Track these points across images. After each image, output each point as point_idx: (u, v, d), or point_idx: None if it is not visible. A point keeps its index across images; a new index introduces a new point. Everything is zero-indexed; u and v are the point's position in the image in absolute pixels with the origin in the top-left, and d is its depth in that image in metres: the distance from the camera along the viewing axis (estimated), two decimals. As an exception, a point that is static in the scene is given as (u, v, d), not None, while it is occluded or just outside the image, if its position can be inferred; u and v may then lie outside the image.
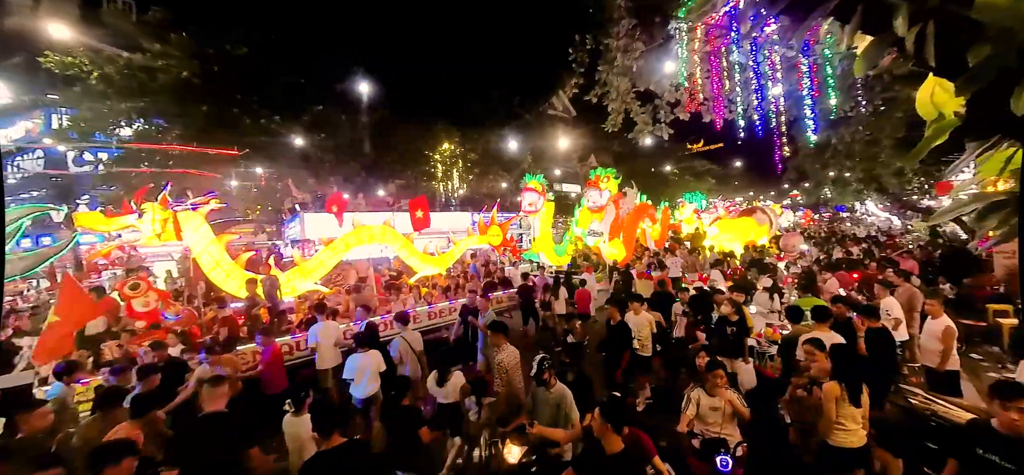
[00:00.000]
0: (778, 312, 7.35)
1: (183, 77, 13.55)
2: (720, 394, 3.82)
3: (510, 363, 4.48)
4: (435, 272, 10.52)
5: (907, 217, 24.08)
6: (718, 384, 3.83)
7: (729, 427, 3.78)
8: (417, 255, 10.12)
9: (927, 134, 1.77)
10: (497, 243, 11.76)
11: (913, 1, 1.36)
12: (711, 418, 3.82)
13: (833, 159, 16.88)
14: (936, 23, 1.31)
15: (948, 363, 4.95)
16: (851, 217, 35.40)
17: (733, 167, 39.97)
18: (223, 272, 7.32)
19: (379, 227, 9.47)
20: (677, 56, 7.42)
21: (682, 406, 4.00)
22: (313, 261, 8.46)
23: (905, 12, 1.34)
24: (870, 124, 12.51)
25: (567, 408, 3.71)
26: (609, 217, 12.37)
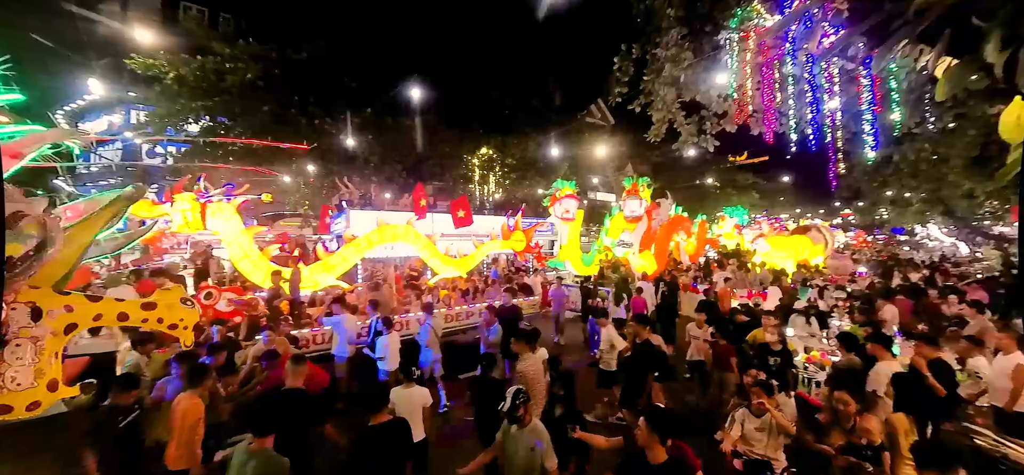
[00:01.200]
0: (817, 336, 7.06)
1: (247, 79, 14.61)
2: (763, 408, 3.71)
3: (532, 373, 4.30)
4: (456, 275, 10.47)
5: (976, 243, 22.13)
6: (762, 403, 3.71)
7: (774, 448, 3.65)
8: (439, 256, 10.19)
9: (1013, 157, 1.70)
10: (521, 249, 11.57)
11: (1006, 26, 1.34)
12: (755, 438, 3.69)
13: (893, 177, 15.77)
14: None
15: (1018, 404, 4.53)
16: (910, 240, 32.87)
17: (780, 182, 38.05)
18: (251, 262, 7.70)
19: (402, 227, 9.51)
20: (727, 67, 7.26)
21: (726, 425, 3.90)
22: (335, 257, 8.55)
23: (997, 38, 1.33)
24: (939, 141, 11.61)
25: (543, 456, 3.11)
26: (641, 228, 12.09)
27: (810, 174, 31.34)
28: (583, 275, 12.63)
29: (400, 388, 4.09)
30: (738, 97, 7.43)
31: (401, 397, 4.00)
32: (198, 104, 14.51)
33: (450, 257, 10.73)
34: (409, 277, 10.54)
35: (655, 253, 12.09)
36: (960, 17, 1.39)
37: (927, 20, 1.43)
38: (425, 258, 10.13)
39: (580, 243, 12.90)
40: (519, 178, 22.97)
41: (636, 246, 12.12)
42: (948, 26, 1.43)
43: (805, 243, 15.61)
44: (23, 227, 2.94)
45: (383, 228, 9.10)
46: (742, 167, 32.30)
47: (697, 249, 15.22)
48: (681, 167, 25.56)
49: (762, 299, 10.57)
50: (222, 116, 15.58)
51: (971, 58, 1.42)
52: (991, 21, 1.28)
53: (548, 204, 12.20)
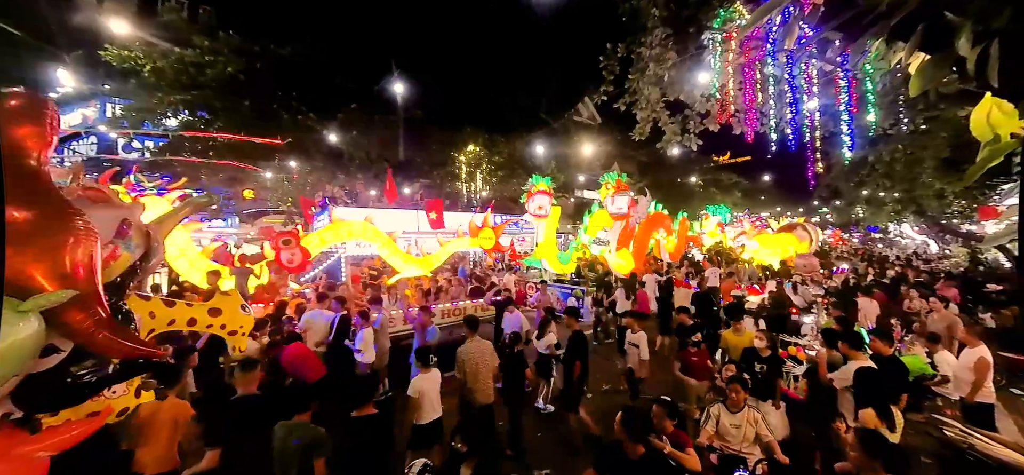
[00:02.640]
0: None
1: (228, 73, 14.28)
2: (739, 407, 3.77)
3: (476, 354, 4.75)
4: (419, 274, 9.99)
5: (945, 241, 23.02)
6: (738, 400, 3.78)
7: (750, 447, 3.70)
8: (400, 255, 9.71)
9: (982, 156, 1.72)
10: (489, 247, 11.08)
11: (978, 21, 1.38)
12: (731, 435, 3.74)
13: (869, 177, 16.31)
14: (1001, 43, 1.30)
15: (979, 395, 4.80)
16: (884, 238, 34.03)
17: (761, 181, 38.95)
18: (187, 261, 7.35)
19: (359, 223, 8.88)
20: (710, 67, 7.38)
21: (701, 421, 3.98)
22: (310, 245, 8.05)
23: (969, 32, 1.36)
24: (912, 142, 12.05)
25: None
26: (618, 225, 11.80)
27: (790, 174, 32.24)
28: (560, 273, 12.31)
29: (421, 374, 4.30)
30: (721, 97, 7.56)
31: (424, 382, 4.22)
32: (177, 98, 14.12)
33: (412, 255, 10.22)
34: (368, 276, 10.05)
35: (634, 252, 11.81)
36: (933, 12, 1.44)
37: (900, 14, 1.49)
38: (385, 256, 9.67)
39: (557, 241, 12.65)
40: (507, 176, 23.01)
41: (613, 244, 11.82)
42: (921, 21, 1.48)
43: (791, 241, 16.09)
44: (132, 237, 2.85)
45: (337, 224, 8.57)
46: (725, 167, 32.99)
47: (678, 247, 15.32)
48: (666, 166, 25.95)
49: (752, 293, 10.85)
50: (202, 110, 15.21)
51: (943, 53, 1.46)
52: (963, 15, 1.33)
53: (524, 200, 11.93)
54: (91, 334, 2.33)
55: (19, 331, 2.07)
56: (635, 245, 11.90)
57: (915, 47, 1.58)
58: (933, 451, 3.93)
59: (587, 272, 12.77)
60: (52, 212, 2.29)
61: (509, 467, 4.74)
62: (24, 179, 2.28)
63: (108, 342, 2.41)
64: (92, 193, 2.79)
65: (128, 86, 13.54)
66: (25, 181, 2.28)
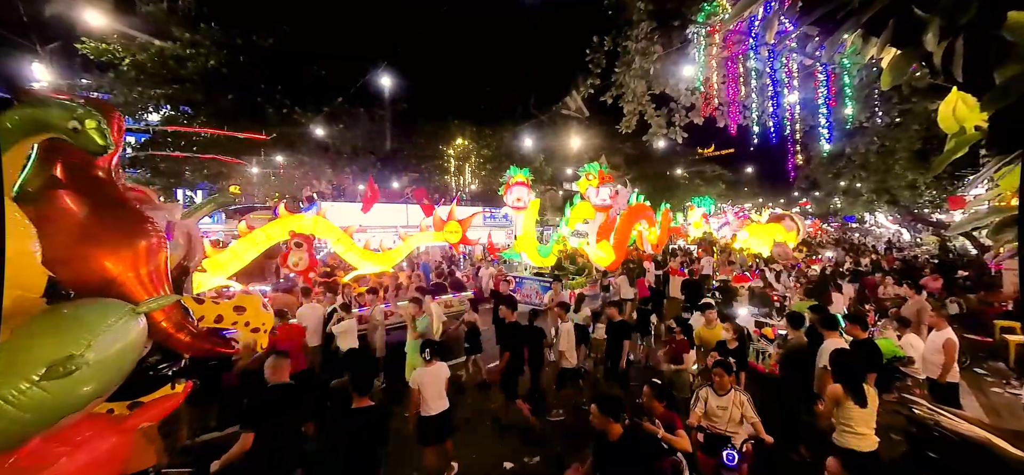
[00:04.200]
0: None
1: (210, 66, 13.94)
2: (725, 390, 3.91)
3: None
4: (376, 270, 9.60)
5: (917, 230, 23.91)
6: (724, 383, 3.93)
7: (736, 428, 3.86)
8: (356, 251, 9.24)
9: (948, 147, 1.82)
10: (456, 241, 10.68)
11: (945, 16, 1.38)
12: (718, 417, 3.90)
13: (846, 169, 16.86)
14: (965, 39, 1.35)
15: (949, 375, 5.10)
16: (860, 228, 35.11)
17: (744, 173, 39.74)
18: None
19: (310, 218, 8.47)
20: (694, 60, 7.53)
21: (691, 404, 4.12)
22: (226, 254, 7.55)
23: (936, 27, 1.38)
24: (885, 135, 12.50)
25: None
26: (599, 217, 11.45)
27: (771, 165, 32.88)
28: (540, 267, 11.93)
29: (425, 367, 4.42)
30: (705, 90, 7.71)
31: (429, 374, 4.36)
32: (158, 92, 13.74)
33: (370, 251, 9.73)
34: (321, 274, 9.60)
35: (615, 243, 11.54)
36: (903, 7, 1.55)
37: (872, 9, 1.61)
38: (340, 252, 9.29)
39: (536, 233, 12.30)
40: (495, 169, 23.02)
41: (593, 236, 11.55)
42: (892, 16, 1.60)
43: (779, 231, 16.76)
44: (177, 237, 2.93)
45: (285, 219, 8.10)
46: (709, 159, 33.54)
47: (661, 238, 15.42)
48: (652, 158, 26.25)
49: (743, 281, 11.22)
50: (184, 104, 14.84)
51: (913, 48, 1.57)
52: (931, 11, 1.44)
53: (502, 192, 11.62)
54: (172, 333, 2.55)
55: (133, 330, 2.22)
56: (617, 237, 11.69)
57: (887, 42, 1.69)
58: (903, 429, 4.10)
59: (568, 265, 12.55)
60: (129, 219, 2.45)
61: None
62: (100, 187, 2.42)
63: (188, 341, 2.64)
64: (136, 194, 2.88)
65: (106, 80, 13.11)
66: (101, 189, 2.42)
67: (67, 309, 2.08)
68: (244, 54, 14.86)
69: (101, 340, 2.01)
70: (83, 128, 2.18)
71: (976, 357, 7.77)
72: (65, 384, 1.83)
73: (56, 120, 2.15)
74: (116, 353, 2.10)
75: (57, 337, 1.90)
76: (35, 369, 1.77)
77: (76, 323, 2.01)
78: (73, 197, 2.28)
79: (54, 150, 2.29)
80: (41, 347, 1.83)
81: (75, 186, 2.32)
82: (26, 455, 1.95)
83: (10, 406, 1.71)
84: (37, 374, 1.76)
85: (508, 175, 11.35)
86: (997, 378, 7.13)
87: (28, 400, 1.75)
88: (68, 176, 2.32)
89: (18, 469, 1.92)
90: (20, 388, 1.73)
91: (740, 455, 3.59)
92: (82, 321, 2.03)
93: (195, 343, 2.70)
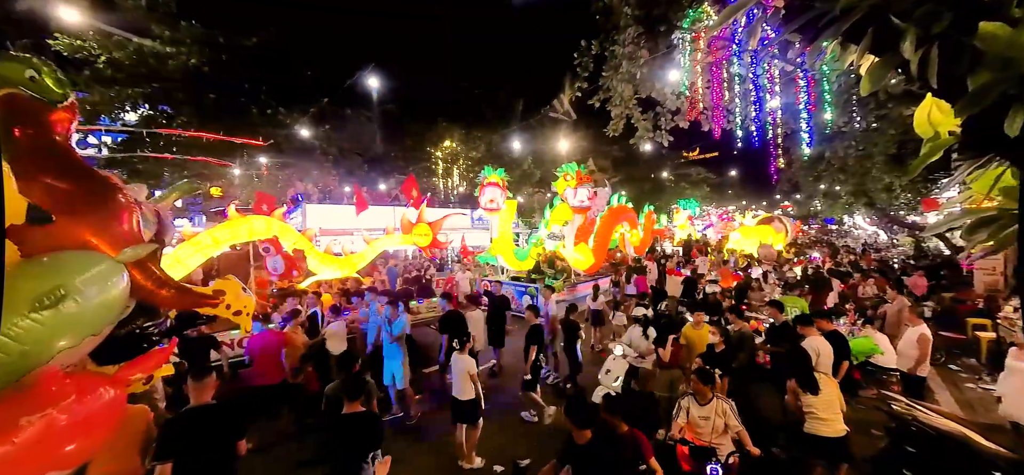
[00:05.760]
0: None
1: (191, 64, 13.60)
2: (707, 399, 3.85)
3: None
4: (338, 275, 9.24)
5: (893, 231, 24.68)
6: (706, 393, 3.87)
7: (720, 438, 3.79)
8: (316, 254, 8.95)
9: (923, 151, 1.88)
10: (425, 244, 10.17)
11: (920, 26, 1.43)
12: (701, 427, 3.82)
13: (826, 172, 17.32)
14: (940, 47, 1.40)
15: (920, 369, 5.33)
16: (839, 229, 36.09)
17: (728, 176, 40.51)
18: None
19: (263, 220, 8.05)
20: (680, 65, 7.65)
21: (673, 413, 4.06)
22: (169, 259, 7.11)
23: (912, 36, 1.44)
24: (863, 140, 12.88)
25: None
26: (578, 219, 11.22)
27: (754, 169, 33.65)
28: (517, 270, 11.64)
29: (455, 354, 4.91)
30: (690, 95, 7.85)
31: (455, 361, 4.87)
32: (136, 91, 13.33)
33: (332, 255, 9.40)
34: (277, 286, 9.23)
35: (594, 246, 11.32)
36: (882, 16, 1.61)
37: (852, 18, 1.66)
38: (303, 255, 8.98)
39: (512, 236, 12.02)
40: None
41: (570, 238, 11.26)
42: (871, 24, 1.65)
43: (769, 232, 17.48)
44: (146, 214, 2.93)
45: (236, 221, 7.64)
46: (694, 162, 34.07)
47: (644, 240, 15.49)
48: (639, 161, 26.54)
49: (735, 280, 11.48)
50: (163, 104, 14.42)
51: (890, 55, 1.63)
52: (907, 21, 1.49)
53: (477, 194, 11.35)
54: (154, 291, 2.63)
55: (117, 284, 2.32)
56: (597, 239, 11.51)
57: (865, 49, 1.74)
58: (883, 424, 4.24)
59: (547, 268, 12.34)
60: (99, 186, 2.55)
61: None
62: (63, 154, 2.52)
63: (172, 296, 2.73)
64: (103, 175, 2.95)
65: (82, 78, 12.68)
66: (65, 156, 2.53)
67: (47, 257, 2.17)
68: (227, 53, 14.54)
69: (85, 280, 2.13)
70: (40, 77, 2.32)
71: (950, 353, 8.04)
72: (56, 317, 1.99)
73: (13, 73, 2.27)
74: (100, 304, 2.21)
75: (42, 277, 2.05)
76: (26, 304, 1.93)
77: (58, 264, 2.15)
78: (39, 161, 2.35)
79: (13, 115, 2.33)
80: (28, 285, 1.98)
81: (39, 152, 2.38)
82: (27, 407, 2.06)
83: (9, 339, 1.88)
84: (28, 309, 1.93)
85: (482, 176, 11.11)
86: (970, 373, 7.38)
87: (24, 332, 1.92)
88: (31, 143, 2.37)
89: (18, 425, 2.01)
90: (14, 321, 1.90)
91: (725, 468, 3.49)
92: (64, 262, 2.16)
93: (178, 297, 2.78)
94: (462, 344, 4.90)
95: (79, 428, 2.24)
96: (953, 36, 1.40)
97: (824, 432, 3.82)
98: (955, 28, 1.39)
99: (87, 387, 2.39)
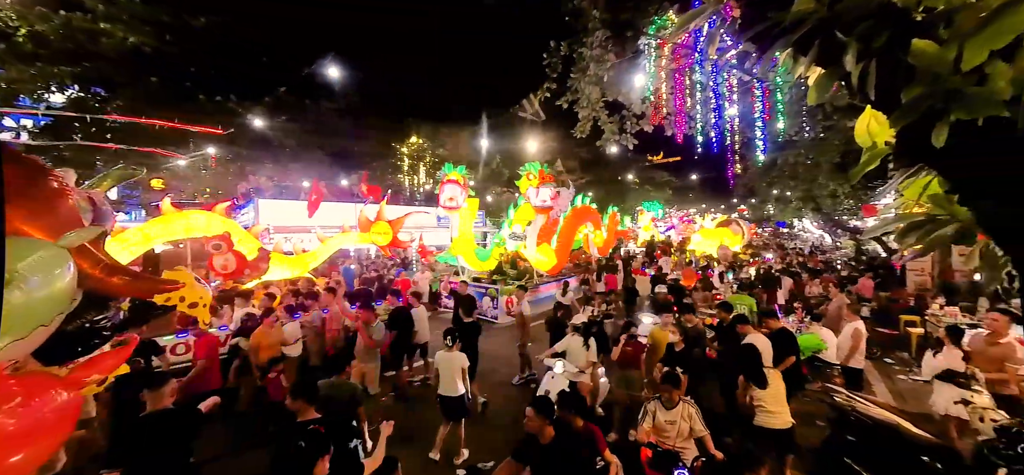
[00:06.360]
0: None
1: (130, 44, 12.50)
2: (673, 404, 3.84)
3: None
4: (287, 276, 8.84)
5: (837, 235, 26.49)
6: (674, 398, 3.85)
7: (685, 442, 3.80)
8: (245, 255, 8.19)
9: (862, 160, 1.98)
10: (385, 243, 9.83)
11: (861, 41, 1.51)
12: (666, 432, 3.81)
13: (778, 178, 18.32)
14: (878, 62, 1.47)
15: (853, 360, 5.77)
16: (789, 232, 38.38)
17: (689, 180, 42.17)
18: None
19: (203, 216, 7.52)
20: (645, 71, 7.80)
21: (639, 417, 4.03)
22: None
23: (854, 50, 1.53)
24: (811, 149, 13.69)
25: None
26: (540, 219, 10.99)
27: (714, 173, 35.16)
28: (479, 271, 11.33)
29: (444, 351, 4.84)
30: (654, 100, 8.02)
31: (444, 359, 4.80)
32: (63, 69, 12.09)
33: (282, 255, 8.94)
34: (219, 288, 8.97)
35: (557, 247, 11.18)
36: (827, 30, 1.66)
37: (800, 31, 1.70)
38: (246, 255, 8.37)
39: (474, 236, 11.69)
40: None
41: (532, 239, 11.03)
42: (817, 38, 1.71)
43: (728, 233, 18.63)
44: (78, 199, 2.72)
45: (170, 216, 6.95)
46: (658, 165, 35.28)
47: (607, 241, 15.64)
48: (606, 163, 27.11)
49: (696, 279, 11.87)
50: (97, 86, 13.18)
51: (835, 68, 1.69)
52: (850, 35, 1.54)
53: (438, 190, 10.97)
54: (104, 279, 2.47)
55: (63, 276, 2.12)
56: (560, 240, 11.38)
57: (812, 61, 1.80)
58: (826, 415, 4.51)
59: (509, 269, 12.06)
60: (30, 170, 2.35)
61: None
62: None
63: (124, 284, 2.58)
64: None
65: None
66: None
67: None
68: (173, 33, 13.49)
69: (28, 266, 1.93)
70: None
71: (885, 348, 8.66)
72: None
73: None
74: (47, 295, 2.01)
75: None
76: None
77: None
78: None
79: None
80: None
81: None
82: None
83: None
84: None
85: (442, 173, 10.76)
86: (902, 366, 7.96)
87: None
88: None
89: None
90: None
91: (692, 471, 3.47)
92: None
93: (131, 285, 2.62)
94: (453, 342, 4.87)
95: (26, 435, 2.01)
96: (890, 52, 1.46)
97: (773, 424, 4.00)
98: (892, 44, 1.46)
99: (36, 389, 2.17)
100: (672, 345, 5.49)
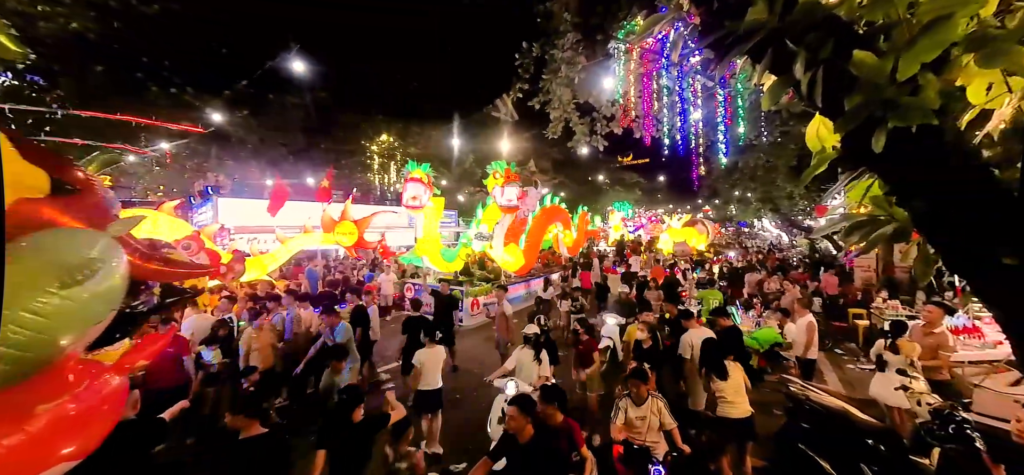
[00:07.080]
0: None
1: (72, 29, 11.58)
2: (643, 400, 3.88)
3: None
4: (245, 279, 8.65)
5: (793, 234, 28.01)
6: (643, 394, 3.90)
7: (655, 436, 3.82)
8: (219, 253, 8.25)
9: (813, 164, 2.09)
10: (350, 243, 9.67)
11: (809, 50, 1.58)
12: (638, 427, 3.84)
13: (739, 180, 19.18)
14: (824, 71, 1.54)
15: (809, 352, 6.15)
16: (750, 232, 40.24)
17: (657, 181, 43.45)
18: None
19: (151, 215, 7.35)
20: (615, 74, 7.98)
21: (612, 415, 4.05)
22: None
23: (803, 59, 1.60)
24: (770, 152, 14.42)
25: None
26: (506, 219, 10.79)
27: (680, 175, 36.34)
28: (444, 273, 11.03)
29: (426, 349, 5.05)
30: (623, 102, 8.21)
31: (424, 355, 4.97)
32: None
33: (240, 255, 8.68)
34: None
35: (525, 247, 11.04)
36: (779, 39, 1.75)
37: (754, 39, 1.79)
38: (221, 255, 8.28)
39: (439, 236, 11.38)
40: (423, 169, 22.35)
41: (498, 240, 10.80)
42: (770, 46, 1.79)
43: (694, 233, 19.30)
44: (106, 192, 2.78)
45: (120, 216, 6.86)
46: (628, 167, 36.13)
47: (577, 241, 15.67)
48: (578, 164, 27.49)
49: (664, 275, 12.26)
50: (33, 74, 12.16)
51: (786, 76, 1.77)
52: (799, 45, 1.63)
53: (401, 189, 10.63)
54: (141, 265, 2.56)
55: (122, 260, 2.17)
56: (528, 240, 11.25)
57: (765, 68, 1.88)
58: (782, 405, 4.73)
59: (476, 270, 11.88)
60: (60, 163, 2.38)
61: None
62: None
63: (160, 270, 2.69)
64: None
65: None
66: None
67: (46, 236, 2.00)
68: (121, 20, 12.59)
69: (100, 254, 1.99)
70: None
71: (836, 340, 9.26)
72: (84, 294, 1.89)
73: None
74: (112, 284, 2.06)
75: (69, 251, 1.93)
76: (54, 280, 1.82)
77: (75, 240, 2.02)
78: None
79: None
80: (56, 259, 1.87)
81: None
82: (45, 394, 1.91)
83: (42, 318, 1.77)
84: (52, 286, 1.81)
85: (406, 171, 10.43)
86: (851, 356, 8.53)
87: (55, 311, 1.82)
88: None
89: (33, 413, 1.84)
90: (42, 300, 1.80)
91: (665, 468, 3.52)
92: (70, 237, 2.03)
93: (168, 270, 2.75)
94: (432, 337, 5.10)
95: (86, 419, 2.07)
96: (835, 61, 1.53)
97: (733, 414, 4.22)
98: (837, 54, 1.53)
99: (95, 375, 2.24)
100: (640, 342, 5.58)
